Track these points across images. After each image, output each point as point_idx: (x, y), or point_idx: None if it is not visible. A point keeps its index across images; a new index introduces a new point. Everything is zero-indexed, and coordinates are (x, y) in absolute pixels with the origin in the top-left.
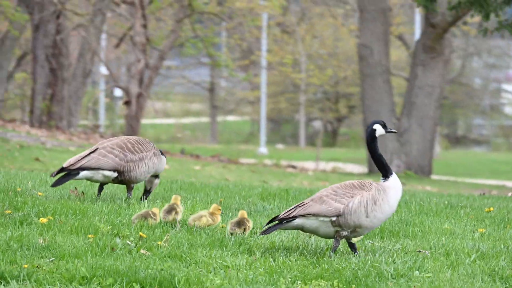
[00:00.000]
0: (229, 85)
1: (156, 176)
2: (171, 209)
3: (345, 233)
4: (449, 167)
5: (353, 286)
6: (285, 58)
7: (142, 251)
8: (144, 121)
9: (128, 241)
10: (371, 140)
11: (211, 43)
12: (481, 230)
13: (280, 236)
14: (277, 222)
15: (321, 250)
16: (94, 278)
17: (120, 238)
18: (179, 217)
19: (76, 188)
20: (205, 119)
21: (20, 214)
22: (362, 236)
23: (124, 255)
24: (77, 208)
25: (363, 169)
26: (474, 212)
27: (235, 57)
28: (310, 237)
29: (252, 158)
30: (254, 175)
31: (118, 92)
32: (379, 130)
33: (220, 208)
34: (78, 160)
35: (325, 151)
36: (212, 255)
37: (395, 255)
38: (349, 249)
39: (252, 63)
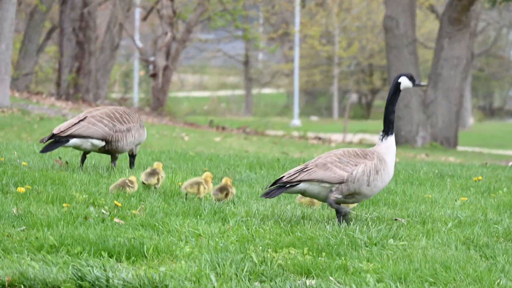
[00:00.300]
0: (265, 58)
1: None
2: (154, 173)
3: (339, 196)
4: (482, 138)
5: (324, 253)
6: (317, 31)
7: (116, 220)
8: (180, 94)
9: (103, 210)
10: (393, 92)
11: (239, 15)
12: (464, 198)
13: (257, 205)
14: (280, 185)
15: (297, 218)
16: (63, 247)
17: (95, 207)
18: (159, 184)
19: (60, 158)
20: (240, 92)
21: None
22: (356, 204)
23: (96, 224)
24: (56, 177)
25: None
26: (461, 181)
27: (268, 30)
28: (286, 206)
29: (282, 130)
30: (275, 146)
31: None
32: (404, 83)
33: (212, 175)
34: (69, 127)
35: (358, 123)
36: (186, 224)
37: (370, 223)
38: (323, 218)
39: (285, 35)
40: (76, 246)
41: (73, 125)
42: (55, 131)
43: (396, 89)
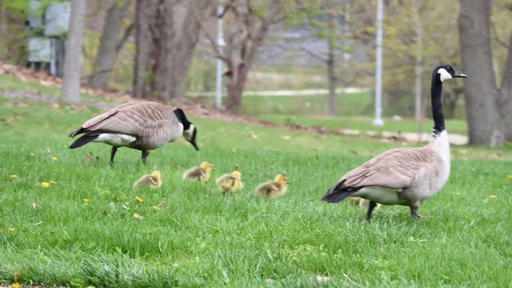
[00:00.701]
0: (349, 57)
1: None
2: (197, 173)
3: (417, 204)
4: None
5: (340, 250)
6: (393, 31)
7: (135, 215)
8: (264, 93)
9: (123, 206)
10: (435, 85)
11: (322, 14)
12: (493, 196)
13: (280, 201)
14: (342, 189)
15: (318, 214)
16: (77, 242)
17: (116, 203)
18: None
19: (91, 153)
20: (324, 91)
21: (23, 178)
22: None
23: (115, 220)
24: (82, 172)
25: (464, 140)
26: (495, 179)
27: (353, 28)
28: (309, 202)
29: (360, 129)
30: (345, 145)
31: None
32: (443, 74)
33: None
34: (98, 122)
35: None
36: (205, 220)
37: (391, 220)
38: (344, 215)
39: (368, 34)
40: (90, 241)
41: (103, 120)
42: (84, 125)
43: (437, 82)
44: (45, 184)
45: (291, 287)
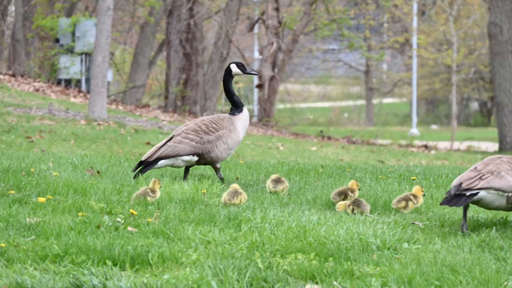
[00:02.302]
0: (386, 68)
1: None
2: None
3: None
4: None
5: (331, 258)
6: (424, 40)
7: (129, 228)
8: (302, 105)
9: (118, 219)
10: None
11: (345, 24)
12: None
13: (275, 211)
14: (458, 194)
15: (313, 223)
16: (67, 256)
17: (110, 216)
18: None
19: (92, 168)
20: (362, 102)
21: (20, 194)
22: None
23: (107, 233)
24: (79, 187)
25: (496, 147)
26: None
27: (383, 39)
28: (303, 211)
29: (392, 139)
30: (372, 155)
31: None
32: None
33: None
34: (155, 152)
35: (478, 131)
36: (198, 231)
37: (384, 227)
38: (339, 223)
39: (406, 44)
40: (81, 255)
41: (159, 148)
42: (142, 158)
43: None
44: (42, 199)
45: None
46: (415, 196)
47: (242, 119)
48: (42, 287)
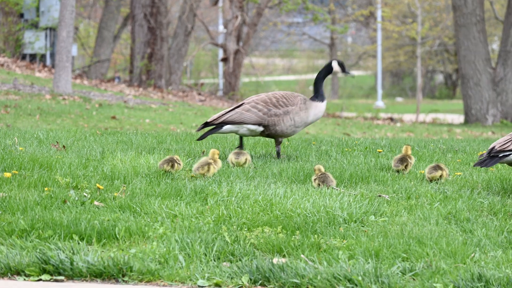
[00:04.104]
0: (351, 40)
1: None
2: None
3: None
4: None
5: (298, 232)
6: (388, 12)
7: (96, 203)
8: (267, 78)
9: (84, 193)
10: None
11: None
12: (458, 173)
13: (241, 184)
14: (492, 156)
15: (279, 196)
16: (34, 231)
17: (77, 191)
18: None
19: (57, 142)
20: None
21: None
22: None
23: (74, 208)
24: (45, 161)
25: (461, 119)
26: (464, 156)
27: (348, 12)
28: (270, 184)
29: (357, 112)
30: (337, 127)
31: None
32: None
33: (219, 152)
34: (222, 115)
35: (443, 103)
36: (164, 205)
37: (351, 200)
38: (306, 196)
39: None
40: (47, 230)
41: (226, 112)
42: (208, 120)
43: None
44: (7, 174)
45: (247, 269)
46: (410, 157)
47: (318, 107)
48: (9, 262)
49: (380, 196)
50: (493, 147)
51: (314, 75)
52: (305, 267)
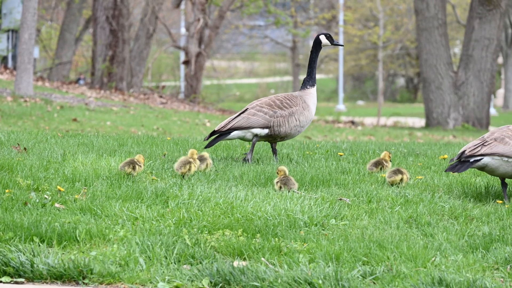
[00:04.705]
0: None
1: None
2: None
3: None
4: None
5: (259, 235)
6: (351, 16)
7: (56, 205)
8: (229, 81)
9: (45, 195)
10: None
11: (271, 1)
12: (420, 177)
13: (202, 187)
14: (463, 160)
15: (240, 199)
16: None
17: (37, 193)
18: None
19: (18, 144)
20: (289, 78)
21: None
22: None
23: (35, 210)
24: (5, 164)
25: (423, 122)
26: (425, 160)
27: (310, 16)
28: (231, 187)
29: (319, 115)
30: None
31: None
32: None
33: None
34: (229, 122)
35: (404, 106)
36: (125, 208)
37: (312, 203)
38: (267, 199)
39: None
40: (8, 231)
41: (232, 119)
42: (216, 128)
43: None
44: None
45: (207, 272)
46: (386, 160)
47: (312, 94)
48: None
49: (341, 199)
50: (463, 152)
51: (276, 78)
52: (265, 271)
